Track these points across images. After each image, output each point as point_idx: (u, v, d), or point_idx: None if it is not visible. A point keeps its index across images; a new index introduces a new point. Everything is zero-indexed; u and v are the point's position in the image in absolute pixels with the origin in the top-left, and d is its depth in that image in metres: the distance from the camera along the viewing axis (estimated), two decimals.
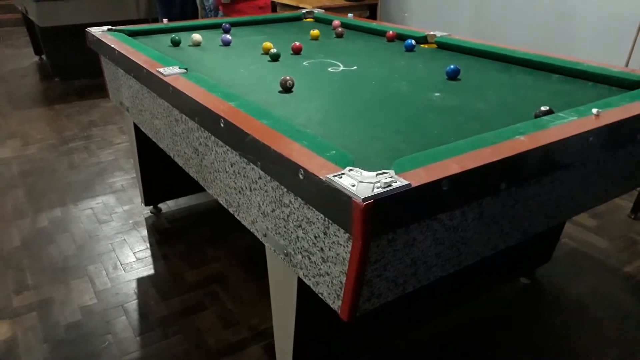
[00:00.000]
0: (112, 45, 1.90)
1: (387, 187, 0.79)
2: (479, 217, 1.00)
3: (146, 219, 2.58)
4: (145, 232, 2.46)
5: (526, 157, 0.97)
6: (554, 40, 2.98)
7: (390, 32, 2.13)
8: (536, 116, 1.19)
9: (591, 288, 2.04)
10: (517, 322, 1.85)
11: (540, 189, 1.09)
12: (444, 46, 2.00)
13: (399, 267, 0.92)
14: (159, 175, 2.47)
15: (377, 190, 0.78)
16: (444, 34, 2.06)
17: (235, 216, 1.32)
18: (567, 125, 1.09)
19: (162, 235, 2.44)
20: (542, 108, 1.20)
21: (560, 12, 2.92)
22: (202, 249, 2.32)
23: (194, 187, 1.60)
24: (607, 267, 2.18)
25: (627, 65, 2.60)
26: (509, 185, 0.98)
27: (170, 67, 1.57)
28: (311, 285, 1.02)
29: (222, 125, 1.18)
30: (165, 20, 2.50)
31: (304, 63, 1.82)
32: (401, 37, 2.11)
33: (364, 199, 0.75)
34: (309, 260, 1.00)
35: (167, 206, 2.70)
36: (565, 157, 1.06)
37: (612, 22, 2.68)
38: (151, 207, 2.64)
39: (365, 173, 0.84)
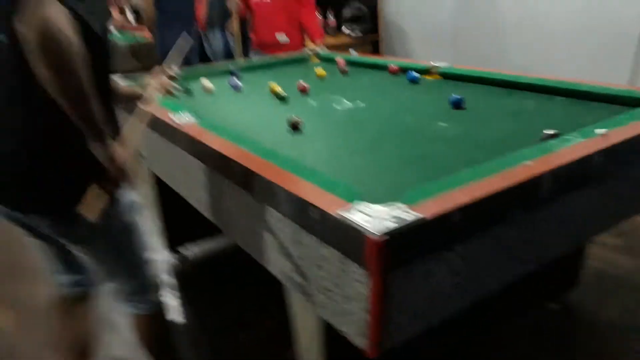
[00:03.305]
0: None
1: (399, 220, 0.81)
2: (493, 245, 1.00)
3: (172, 266, 2.60)
4: (171, 279, 2.48)
5: (535, 182, 0.98)
6: (554, 62, 3.02)
7: (394, 66, 2.18)
8: (543, 140, 1.20)
9: (622, 309, 2.00)
10: (548, 350, 1.81)
11: (553, 213, 1.10)
12: (448, 76, 2.04)
13: (419, 300, 0.92)
14: (180, 220, 2.50)
15: (389, 225, 0.79)
16: (446, 64, 2.11)
17: (254, 257, 1.34)
18: (573, 147, 1.10)
19: (187, 280, 2.44)
20: (548, 132, 1.21)
21: (559, 34, 2.97)
22: (226, 291, 2.33)
23: (215, 228, 1.64)
24: (636, 286, 2.14)
25: (630, 83, 2.62)
26: (521, 212, 0.99)
27: (183, 115, 1.62)
28: (334, 324, 1.02)
29: (234, 168, 1.21)
30: (175, 69, 2.59)
31: (311, 102, 1.87)
32: (405, 70, 2.16)
33: (377, 235, 0.77)
34: (329, 299, 1.00)
35: (191, 251, 2.72)
36: (575, 179, 1.07)
37: (612, 41, 2.72)
38: (176, 253, 2.66)
39: (377, 207, 0.86)
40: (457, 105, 1.59)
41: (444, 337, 1.65)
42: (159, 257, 2.63)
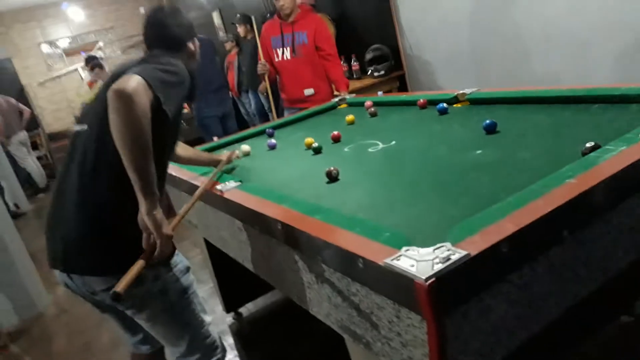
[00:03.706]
0: (172, 173, 2.07)
1: (446, 261, 0.80)
2: (549, 269, 0.97)
3: (230, 326, 2.63)
4: (231, 340, 2.51)
5: (581, 200, 0.95)
6: (585, 69, 2.95)
7: (421, 100, 2.20)
8: (584, 154, 1.17)
9: None
10: None
11: (608, 226, 1.06)
12: (476, 101, 2.04)
13: (481, 337, 0.90)
14: (235, 281, 2.55)
15: (437, 267, 0.79)
16: (474, 89, 2.11)
17: (310, 311, 1.34)
18: (616, 157, 1.07)
19: (246, 340, 2.47)
20: (588, 145, 1.18)
21: (584, 39, 2.91)
22: (285, 347, 2.32)
23: (269, 285, 1.68)
24: None
25: None
26: (572, 231, 0.96)
27: (227, 182, 1.68)
28: None
29: (279, 227, 1.25)
30: (215, 138, 2.72)
31: (345, 149, 1.90)
32: (433, 102, 2.17)
33: (426, 279, 0.77)
34: (389, 347, 0.99)
35: (246, 309, 2.75)
36: (623, 189, 1.03)
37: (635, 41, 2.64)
38: (232, 313, 2.70)
39: (422, 250, 0.86)
40: (491, 129, 1.58)
41: None
42: (215, 318, 2.67)
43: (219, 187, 1.65)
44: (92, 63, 6.04)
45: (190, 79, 1.40)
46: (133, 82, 1.17)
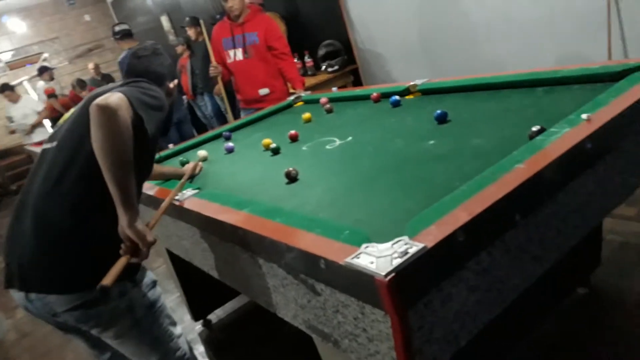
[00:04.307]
0: None
1: (404, 255, 0.81)
2: (506, 252, 1.00)
3: (199, 334, 2.60)
4: (202, 348, 2.47)
5: (530, 183, 0.98)
6: (531, 55, 3.05)
7: (374, 94, 2.22)
8: (531, 138, 1.21)
9: None
10: (586, 335, 1.77)
11: (558, 206, 1.09)
12: (427, 92, 2.07)
13: (444, 325, 0.92)
14: (201, 288, 2.51)
15: (395, 262, 0.80)
16: (424, 80, 2.14)
17: (277, 314, 1.34)
18: (561, 139, 1.11)
19: (217, 346, 2.44)
20: (534, 128, 1.22)
21: (529, 24, 3.00)
22: (256, 350, 2.31)
23: (235, 290, 1.66)
24: None
25: (609, 57, 2.62)
26: (524, 215, 0.99)
27: (184, 191, 1.65)
28: None
29: (241, 234, 1.23)
30: (170, 145, 2.66)
31: (303, 148, 1.90)
32: (386, 95, 2.19)
33: (385, 275, 0.78)
34: (356, 343, 1.00)
35: (215, 315, 2.72)
36: (570, 170, 1.07)
37: (582, 19, 2.74)
38: (201, 321, 2.66)
39: (380, 246, 0.87)
40: (442, 119, 1.61)
41: (479, 344, 1.62)
42: (184, 328, 2.63)
43: (176, 196, 1.62)
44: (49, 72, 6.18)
45: (167, 110, 1.44)
46: (116, 98, 1.20)
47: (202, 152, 2.23)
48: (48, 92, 6.80)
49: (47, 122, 8.46)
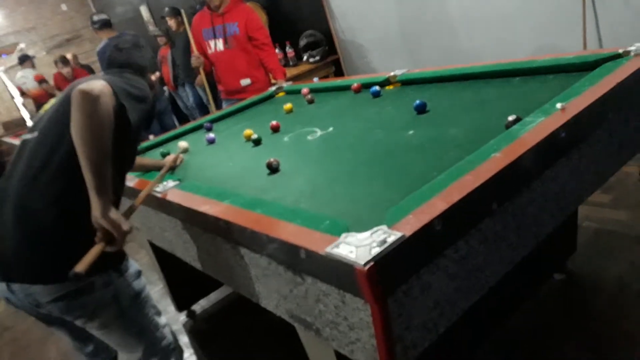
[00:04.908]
0: None
1: (383, 244, 0.83)
2: (483, 240, 1.02)
3: (184, 325, 2.60)
4: (186, 339, 2.48)
5: (507, 172, 1.00)
6: (508, 44, 3.08)
7: (355, 85, 2.22)
8: (507, 127, 1.23)
9: (627, 264, 2.01)
10: (564, 321, 1.82)
11: (534, 194, 1.12)
12: (407, 82, 2.08)
13: (424, 313, 0.94)
14: (185, 279, 2.50)
15: (374, 251, 0.81)
16: (404, 70, 2.15)
17: (260, 304, 1.35)
18: (536, 128, 1.13)
19: (202, 337, 2.45)
20: (510, 118, 1.24)
21: (500, 17, 3.03)
22: (240, 340, 2.32)
23: (219, 281, 1.67)
24: (634, 238, 2.15)
25: (584, 47, 2.67)
26: (501, 203, 1.01)
27: (165, 182, 1.64)
28: (347, 354, 1.03)
29: (222, 225, 1.23)
30: (151, 137, 2.64)
31: (285, 139, 1.90)
32: (367, 85, 2.20)
33: (364, 264, 0.79)
34: (337, 331, 1.02)
35: (200, 306, 2.72)
36: (545, 158, 1.10)
37: (558, 7, 2.78)
38: (185, 311, 2.66)
39: (360, 236, 0.88)
40: (421, 109, 1.62)
41: (458, 332, 1.66)
42: (168, 319, 2.63)
43: (158, 188, 1.61)
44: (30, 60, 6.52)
45: (151, 102, 1.43)
46: (100, 84, 1.19)
47: (182, 144, 2.22)
48: (39, 79, 6.72)
49: (26, 114, 8.29)
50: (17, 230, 1.30)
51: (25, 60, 7.02)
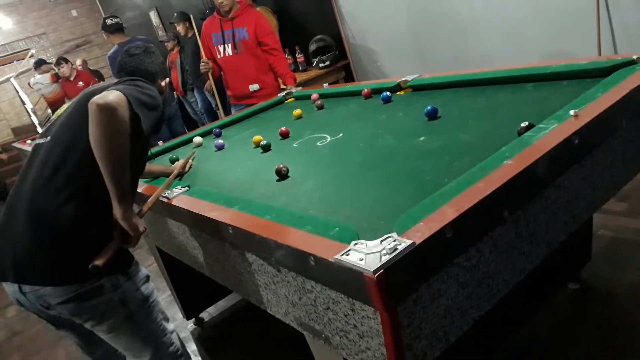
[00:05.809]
0: None
1: (393, 252, 0.82)
2: (495, 248, 1.00)
3: (191, 332, 2.60)
4: (194, 346, 2.47)
5: (519, 179, 0.99)
6: (521, 49, 3.05)
7: (365, 90, 2.22)
8: (519, 134, 1.22)
9: None
10: (578, 331, 1.78)
11: (546, 202, 1.10)
12: (418, 88, 2.07)
13: (434, 321, 0.92)
14: (193, 286, 2.50)
15: (384, 259, 0.80)
16: (415, 76, 2.14)
17: (268, 311, 1.34)
18: (549, 135, 1.11)
19: (210, 344, 2.44)
20: (523, 124, 1.23)
21: (519, 18, 3.01)
22: (249, 348, 2.31)
23: (227, 289, 1.67)
24: None
25: (599, 52, 2.64)
26: (512, 210, 1.00)
27: (174, 189, 1.64)
28: None
29: (231, 231, 1.23)
30: (160, 142, 2.65)
31: (294, 145, 1.89)
32: (377, 91, 2.19)
33: (374, 271, 0.78)
34: (347, 340, 1.00)
35: (208, 314, 2.72)
36: (558, 166, 1.08)
37: (572, 12, 2.75)
38: (193, 319, 2.66)
39: (369, 243, 0.87)
40: (432, 116, 1.61)
41: (469, 341, 1.63)
42: (176, 326, 2.62)
43: (166, 193, 1.62)
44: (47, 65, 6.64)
45: (162, 109, 1.47)
46: (115, 97, 1.23)
47: (197, 139, 2.27)
48: (54, 80, 6.75)
49: (35, 120, 8.37)
50: (29, 232, 1.32)
51: (40, 64, 7.06)
